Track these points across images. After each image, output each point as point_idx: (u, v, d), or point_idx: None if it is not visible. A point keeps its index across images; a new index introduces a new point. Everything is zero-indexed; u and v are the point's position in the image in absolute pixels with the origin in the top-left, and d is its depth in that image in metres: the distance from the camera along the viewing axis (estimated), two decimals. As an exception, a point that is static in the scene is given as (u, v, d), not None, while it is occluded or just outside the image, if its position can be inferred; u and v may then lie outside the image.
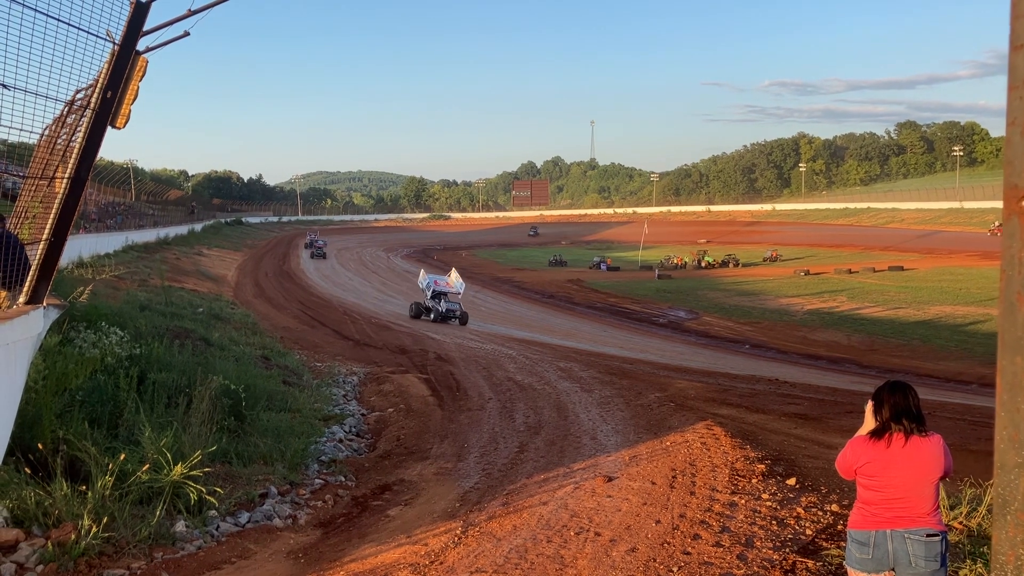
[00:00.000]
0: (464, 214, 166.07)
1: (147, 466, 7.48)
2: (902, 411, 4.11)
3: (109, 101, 6.97)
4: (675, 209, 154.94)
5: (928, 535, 4.04)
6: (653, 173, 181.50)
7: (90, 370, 9.46)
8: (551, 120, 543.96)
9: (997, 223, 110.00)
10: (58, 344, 9.86)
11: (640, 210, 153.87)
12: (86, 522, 6.48)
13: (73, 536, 6.35)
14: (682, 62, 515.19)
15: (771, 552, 6.53)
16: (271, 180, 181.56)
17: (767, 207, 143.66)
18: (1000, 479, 0.99)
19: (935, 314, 39.21)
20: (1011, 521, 0.95)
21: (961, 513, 7.09)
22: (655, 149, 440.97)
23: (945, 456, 4.09)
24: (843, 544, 6.65)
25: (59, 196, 7.19)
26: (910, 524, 4.07)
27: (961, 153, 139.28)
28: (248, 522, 7.93)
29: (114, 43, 6.87)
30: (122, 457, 7.32)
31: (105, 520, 6.57)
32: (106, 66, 6.98)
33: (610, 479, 8.95)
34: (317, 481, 9.64)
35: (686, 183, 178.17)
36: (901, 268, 62.23)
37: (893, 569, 4.15)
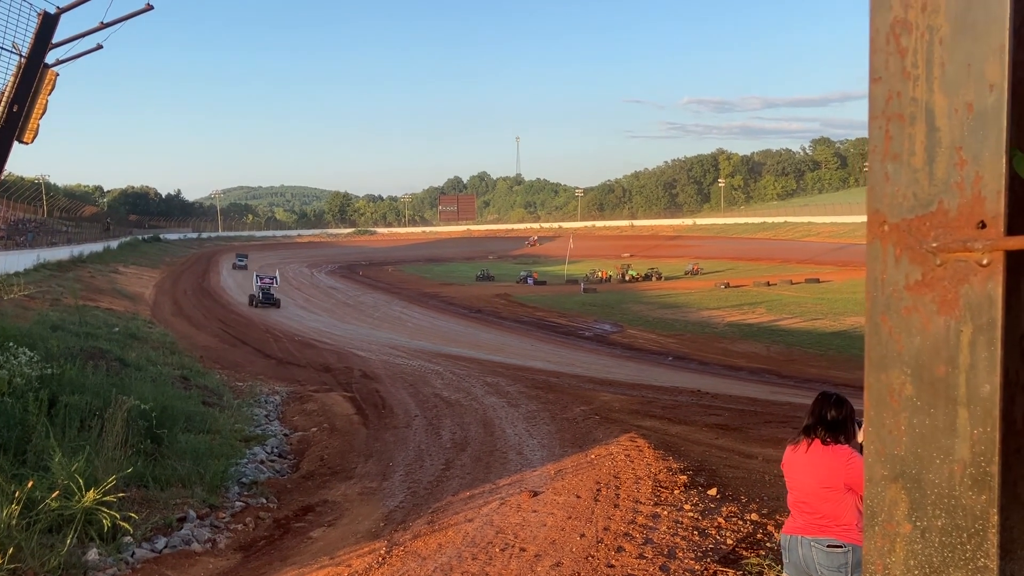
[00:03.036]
0: (390, 229, 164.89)
1: (57, 492, 7.21)
2: (816, 419, 4.24)
3: (16, 115, 6.76)
4: (599, 224, 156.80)
5: (829, 545, 4.11)
6: (578, 188, 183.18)
7: (-4, 394, 9.09)
8: (477, 136, 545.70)
9: (536, 237, 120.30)
10: (-39, 367, 9.46)
11: (565, 225, 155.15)
12: (-10, 554, 6.21)
13: (-24, 569, 6.09)
14: (604, 79, 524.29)
15: (693, 563, 6.63)
16: (190, 196, 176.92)
17: (688, 222, 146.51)
18: (868, 491, 1.04)
19: (850, 324, 40.43)
20: (879, 532, 1.00)
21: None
22: (579, 165, 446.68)
23: (849, 469, 4.05)
24: (762, 552, 6.82)
25: (-38, 214, 6.93)
26: (817, 532, 4.16)
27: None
28: (165, 547, 7.72)
29: (21, 56, 6.68)
30: (30, 484, 7.03)
31: (11, 551, 6.30)
32: (12, 79, 6.77)
33: (535, 494, 8.98)
34: (238, 504, 9.43)
35: (610, 198, 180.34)
36: (817, 280, 64.01)
37: None
